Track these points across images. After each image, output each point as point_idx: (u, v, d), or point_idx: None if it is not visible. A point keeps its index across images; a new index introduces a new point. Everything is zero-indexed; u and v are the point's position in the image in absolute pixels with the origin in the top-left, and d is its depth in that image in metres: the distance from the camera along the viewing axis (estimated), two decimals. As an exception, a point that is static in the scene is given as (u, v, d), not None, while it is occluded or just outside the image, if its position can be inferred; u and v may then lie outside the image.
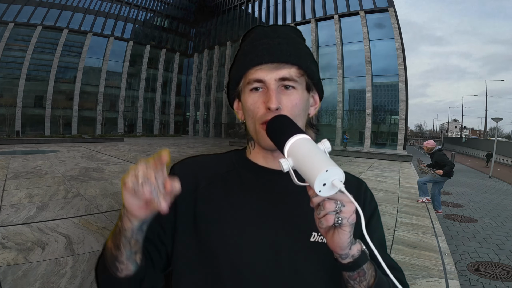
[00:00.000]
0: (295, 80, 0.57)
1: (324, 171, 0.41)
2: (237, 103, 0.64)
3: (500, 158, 22.94)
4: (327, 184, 0.42)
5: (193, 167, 0.64)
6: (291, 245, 0.56)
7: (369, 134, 24.91)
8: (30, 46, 28.80)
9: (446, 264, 3.10)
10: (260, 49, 0.57)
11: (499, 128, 24.82)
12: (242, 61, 0.59)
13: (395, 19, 24.12)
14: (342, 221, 0.44)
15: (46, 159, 10.59)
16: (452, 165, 5.83)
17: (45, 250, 3.03)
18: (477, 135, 74.84)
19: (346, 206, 0.44)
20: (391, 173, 10.42)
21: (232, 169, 0.63)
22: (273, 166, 0.61)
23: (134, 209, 0.47)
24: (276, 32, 0.60)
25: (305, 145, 0.45)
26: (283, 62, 0.56)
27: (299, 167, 0.44)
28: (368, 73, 24.91)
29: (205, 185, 0.61)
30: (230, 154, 0.67)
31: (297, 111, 0.57)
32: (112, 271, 0.52)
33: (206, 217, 0.58)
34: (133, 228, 0.49)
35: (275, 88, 0.55)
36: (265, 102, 0.55)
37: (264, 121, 0.55)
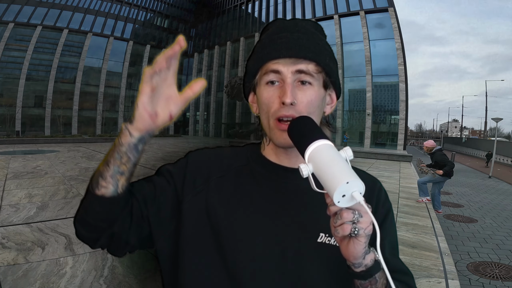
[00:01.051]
0: (312, 75, 0.56)
1: (344, 183, 0.40)
2: (252, 96, 0.63)
3: (500, 158, 22.93)
4: (346, 196, 0.41)
5: (209, 157, 0.64)
6: (298, 244, 0.55)
7: (369, 134, 24.91)
8: (30, 46, 28.78)
9: (446, 264, 3.10)
10: (279, 43, 0.56)
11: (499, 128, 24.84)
12: (260, 53, 0.58)
13: (395, 19, 24.12)
14: (358, 232, 0.44)
15: (46, 159, 10.59)
16: (452, 165, 5.83)
17: (45, 250, 3.03)
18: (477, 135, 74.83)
19: (364, 217, 0.44)
20: (391, 173, 10.42)
21: (246, 164, 0.63)
22: (285, 163, 0.61)
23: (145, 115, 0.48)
24: (296, 26, 0.60)
25: (327, 152, 0.44)
26: (301, 57, 0.55)
27: (319, 174, 0.43)
28: (368, 73, 24.91)
29: (217, 176, 0.61)
30: (246, 148, 0.67)
31: (312, 108, 0.56)
32: (92, 187, 0.52)
33: (216, 210, 0.57)
34: (130, 143, 0.49)
35: (291, 81, 0.55)
36: (280, 96, 0.54)
37: (278, 116, 0.55)
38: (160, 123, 0.49)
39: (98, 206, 0.53)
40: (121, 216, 0.55)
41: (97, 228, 0.54)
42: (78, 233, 0.57)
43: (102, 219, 0.53)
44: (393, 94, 24.64)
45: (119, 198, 0.53)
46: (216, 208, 0.57)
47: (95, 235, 0.56)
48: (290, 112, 0.54)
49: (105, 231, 0.55)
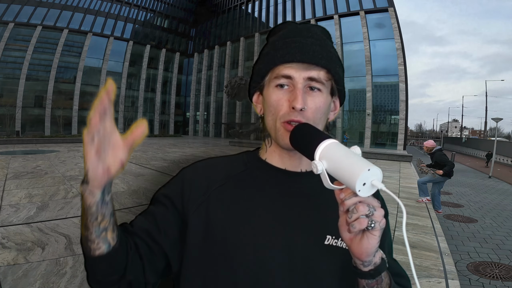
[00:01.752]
0: (323, 82, 0.56)
1: (366, 170, 0.41)
2: (257, 96, 0.63)
3: (500, 158, 22.93)
4: (366, 184, 0.42)
5: (203, 170, 0.63)
6: (305, 248, 0.55)
7: (369, 134, 24.92)
8: (30, 46, 28.78)
9: (446, 264, 3.10)
10: (293, 47, 0.56)
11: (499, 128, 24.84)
12: (272, 55, 0.58)
13: (395, 19, 24.12)
14: (374, 225, 0.44)
15: (46, 159, 10.59)
16: (452, 165, 5.83)
17: (45, 250, 3.03)
18: (477, 135, 74.83)
19: (377, 211, 0.44)
20: (391, 173, 10.42)
21: (245, 170, 0.62)
22: (289, 166, 0.60)
23: (98, 174, 0.45)
24: (309, 31, 0.60)
25: (340, 147, 0.45)
26: (314, 63, 0.55)
27: (335, 168, 0.44)
28: (368, 73, 24.91)
29: (217, 187, 0.59)
30: (242, 155, 0.66)
31: (319, 114, 0.56)
32: (87, 252, 0.52)
33: (219, 221, 0.56)
34: (97, 202, 0.48)
35: (302, 87, 0.55)
36: (290, 100, 0.55)
37: (286, 120, 0.55)
38: (114, 174, 0.47)
39: (101, 265, 0.52)
40: (129, 262, 0.54)
41: (111, 282, 0.54)
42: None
43: (110, 273, 0.53)
44: (393, 94, 24.64)
45: (117, 249, 0.52)
46: (219, 218, 0.56)
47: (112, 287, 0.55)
48: (298, 118, 0.54)
49: (120, 282, 0.54)
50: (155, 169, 8.66)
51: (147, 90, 37.33)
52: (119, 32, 34.84)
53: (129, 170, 8.40)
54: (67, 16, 31.13)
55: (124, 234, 0.55)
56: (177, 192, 0.60)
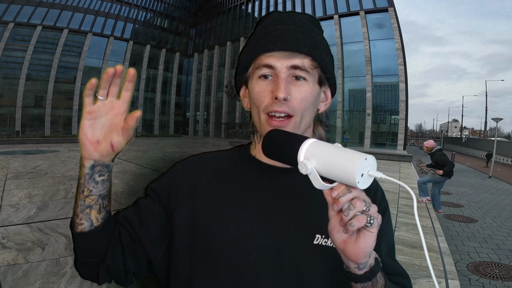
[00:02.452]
0: (307, 71, 0.54)
1: (363, 159, 0.38)
2: (244, 89, 0.61)
3: (500, 158, 22.94)
4: (364, 175, 0.39)
5: (194, 164, 0.63)
6: (293, 247, 0.53)
7: (369, 134, 24.92)
8: (30, 46, 28.78)
9: (446, 264, 3.10)
10: (274, 35, 0.54)
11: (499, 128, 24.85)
12: (253, 45, 0.56)
13: (395, 19, 24.12)
14: (373, 221, 0.41)
15: (46, 159, 10.59)
16: (452, 165, 5.83)
17: (45, 250, 3.03)
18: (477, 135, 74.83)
19: (372, 206, 0.42)
20: (391, 173, 10.41)
21: (234, 166, 0.61)
22: (278, 163, 0.58)
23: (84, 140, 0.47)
24: (292, 19, 0.57)
25: (326, 144, 0.43)
26: (297, 51, 0.53)
27: (327, 164, 0.41)
28: (368, 73, 24.91)
29: (205, 183, 0.58)
30: (234, 150, 0.65)
31: (306, 104, 0.54)
32: (72, 226, 0.52)
33: (205, 218, 0.55)
34: (85, 174, 0.49)
35: (285, 76, 0.52)
36: (273, 91, 0.52)
37: (270, 111, 0.53)
38: (103, 152, 0.47)
39: (82, 244, 0.53)
40: (110, 248, 0.54)
41: (90, 264, 0.54)
42: (79, 273, 0.57)
43: (90, 255, 0.53)
44: (393, 94, 24.65)
45: (98, 231, 0.52)
46: (205, 215, 0.55)
47: (92, 272, 0.55)
48: (282, 108, 0.52)
49: (99, 266, 0.54)
50: (155, 169, 8.66)
51: (147, 90, 37.33)
52: (119, 32, 34.84)
53: (129, 170, 8.40)
54: (67, 16, 31.13)
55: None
56: (165, 188, 0.60)
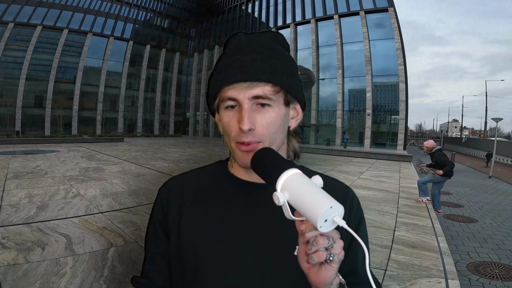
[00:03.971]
0: (270, 98, 0.55)
1: (328, 208, 0.41)
2: (217, 114, 0.63)
3: (500, 158, 22.94)
4: (328, 220, 0.42)
5: (176, 188, 0.64)
6: (276, 261, 0.55)
7: (369, 134, 24.92)
8: (30, 46, 28.79)
9: (446, 264, 3.10)
10: (233, 67, 0.55)
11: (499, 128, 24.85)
12: (216, 78, 0.58)
13: (395, 19, 24.13)
14: (333, 258, 0.44)
15: (46, 159, 10.59)
16: (452, 165, 5.83)
17: (45, 250, 3.02)
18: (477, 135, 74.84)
19: (337, 243, 0.44)
20: (391, 173, 10.42)
21: (214, 184, 0.63)
22: (255, 179, 0.59)
23: None
24: (251, 45, 0.58)
25: (302, 180, 0.45)
26: (256, 80, 0.54)
27: (297, 201, 0.44)
28: (368, 73, 24.92)
29: (188, 204, 0.61)
30: (212, 167, 0.66)
31: (273, 129, 0.55)
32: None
33: (191, 238, 0.57)
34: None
35: (248, 107, 0.54)
36: (238, 121, 0.54)
37: (238, 141, 0.55)
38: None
39: None
40: None
41: None
42: None
43: None
44: (393, 94, 24.65)
45: None
46: (189, 236, 0.58)
47: None
48: (249, 138, 0.53)
49: None
50: (155, 169, 8.65)
51: (147, 90, 37.34)
52: (119, 32, 34.85)
53: (129, 170, 8.40)
54: (67, 16, 31.14)
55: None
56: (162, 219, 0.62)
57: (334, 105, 27.19)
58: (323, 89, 28.07)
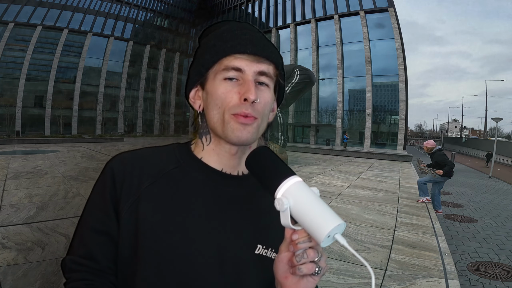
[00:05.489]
0: (271, 77, 0.55)
1: (336, 225, 0.40)
2: (195, 92, 0.59)
3: (500, 158, 22.95)
4: (330, 237, 0.41)
5: (134, 162, 0.57)
6: (236, 255, 0.53)
7: (369, 134, 24.92)
8: (30, 46, 28.79)
9: (446, 264, 3.10)
10: (243, 39, 0.54)
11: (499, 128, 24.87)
12: (220, 46, 0.54)
13: (395, 19, 24.13)
14: (320, 271, 0.43)
15: (46, 159, 10.59)
16: (452, 165, 5.83)
17: (45, 250, 3.02)
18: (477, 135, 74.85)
19: (323, 257, 0.44)
20: (391, 173, 10.42)
21: (177, 166, 0.58)
22: (226, 168, 0.58)
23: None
24: (253, 27, 0.58)
25: (307, 190, 0.44)
26: (265, 57, 0.54)
27: (301, 212, 0.42)
28: (368, 73, 24.92)
29: (149, 184, 0.55)
30: (172, 148, 0.61)
31: (267, 109, 0.55)
32: None
33: (150, 222, 0.52)
34: None
35: (252, 79, 0.53)
36: (240, 92, 0.52)
37: (237, 112, 0.52)
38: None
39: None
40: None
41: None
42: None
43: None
44: (393, 94, 24.66)
45: None
46: (150, 217, 0.53)
47: None
48: (249, 110, 0.52)
49: None
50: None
51: (147, 90, 37.35)
52: (119, 32, 34.85)
53: (129, 170, 8.40)
54: (67, 16, 31.13)
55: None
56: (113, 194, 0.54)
57: (334, 105, 27.20)
58: (323, 89, 28.08)
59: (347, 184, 7.60)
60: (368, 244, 3.56)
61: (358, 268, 2.86)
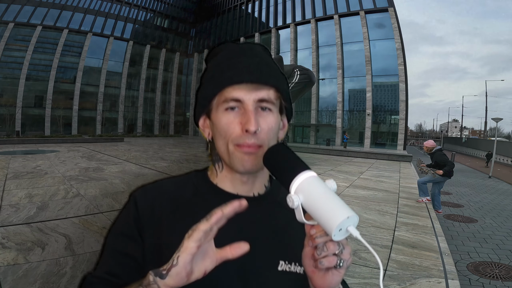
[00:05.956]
0: (273, 102, 0.55)
1: (345, 218, 0.40)
2: (203, 120, 0.61)
3: (500, 158, 22.96)
4: (342, 230, 0.41)
5: (155, 193, 0.60)
6: (260, 275, 0.54)
7: (369, 134, 24.92)
8: (30, 46, 28.81)
9: (446, 264, 3.10)
10: (240, 68, 0.54)
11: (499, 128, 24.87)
12: (218, 78, 0.56)
13: (395, 19, 24.14)
14: (342, 264, 0.44)
15: (46, 159, 10.59)
16: (452, 165, 5.83)
17: (45, 250, 3.02)
18: (477, 135, 74.86)
19: (346, 249, 0.44)
20: (391, 173, 10.42)
21: (196, 194, 0.60)
22: (241, 191, 0.59)
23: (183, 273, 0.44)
24: (252, 50, 0.58)
25: (318, 185, 0.44)
26: (263, 83, 0.54)
27: (312, 207, 0.43)
28: (368, 73, 24.92)
29: (169, 212, 0.57)
30: (190, 176, 0.64)
31: (272, 134, 0.55)
32: None
33: (173, 247, 0.52)
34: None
35: (253, 109, 0.53)
36: (241, 123, 0.53)
37: (239, 143, 0.53)
38: (192, 279, 0.46)
39: None
40: None
41: None
42: None
43: None
44: (393, 94, 24.66)
45: None
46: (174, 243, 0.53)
47: None
48: (252, 141, 0.52)
49: None
50: (155, 169, 8.65)
51: (147, 90, 37.36)
52: (119, 32, 34.87)
53: (129, 170, 8.40)
54: (67, 16, 31.15)
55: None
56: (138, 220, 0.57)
57: (334, 105, 27.20)
58: (323, 89, 28.09)
59: (347, 184, 7.60)
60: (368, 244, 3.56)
61: (358, 268, 2.86)
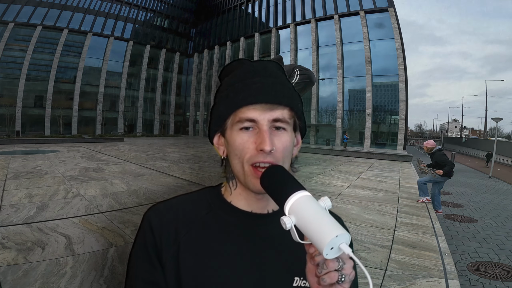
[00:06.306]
0: (287, 122, 0.56)
1: (334, 237, 0.41)
2: (218, 138, 0.61)
3: (500, 158, 22.96)
4: (334, 248, 0.42)
5: (168, 213, 0.60)
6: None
7: (369, 134, 24.93)
8: (30, 46, 28.81)
9: (446, 264, 3.10)
10: (254, 88, 0.55)
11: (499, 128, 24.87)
12: (233, 98, 0.57)
13: (395, 19, 24.14)
14: (344, 278, 0.44)
15: (46, 159, 10.59)
16: (452, 165, 5.83)
17: (45, 250, 3.02)
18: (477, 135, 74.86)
19: (347, 263, 0.44)
20: (391, 173, 10.42)
21: (209, 211, 0.61)
22: (255, 209, 0.60)
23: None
24: (267, 70, 0.59)
25: (309, 204, 0.45)
26: (277, 103, 0.55)
27: (304, 227, 0.44)
28: (368, 73, 24.92)
29: (185, 232, 0.58)
30: (204, 193, 0.64)
31: (287, 152, 0.56)
32: None
33: (190, 269, 0.55)
34: None
35: (267, 129, 0.54)
36: (256, 142, 0.54)
37: (254, 162, 0.54)
38: None
39: None
40: None
41: None
42: None
43: None
44: (393, 94, 24.66)
45: None
46: (189, 266, 0.56)
47: None
48: (267, 159, 0.53)
49: None
50: (155, 169, 8.65)
51: (147, 90, 37.36)
52: (119, 32, 34.87)
53: (129, 170, 8.40)
54: (67, 16, 31.15)
55: None
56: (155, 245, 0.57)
57: (334, 105, 27.20)
58: (323, 89, 28.08)
59: (347, 184, 7.60)
60: (368, 244, 3.56)
61: (358, 268, 2.85)
